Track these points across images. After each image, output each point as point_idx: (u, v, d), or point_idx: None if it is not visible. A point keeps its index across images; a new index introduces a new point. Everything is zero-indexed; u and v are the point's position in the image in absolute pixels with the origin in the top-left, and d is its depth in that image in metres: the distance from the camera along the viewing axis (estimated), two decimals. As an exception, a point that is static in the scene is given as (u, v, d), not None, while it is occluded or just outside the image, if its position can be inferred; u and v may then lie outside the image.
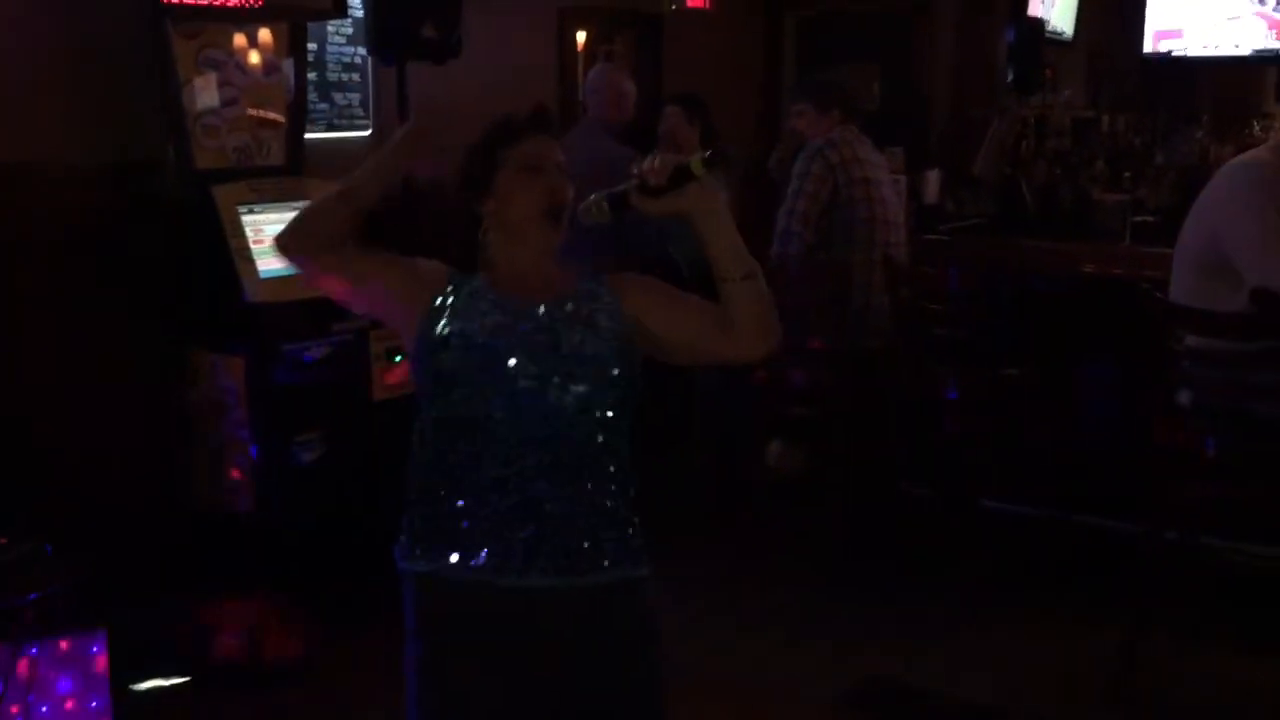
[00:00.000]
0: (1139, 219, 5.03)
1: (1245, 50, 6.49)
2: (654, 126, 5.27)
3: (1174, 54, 6.78)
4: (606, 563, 1.92)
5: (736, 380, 4.50)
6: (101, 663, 2.88)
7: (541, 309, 1.94)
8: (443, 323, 1.93)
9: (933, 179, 5.67)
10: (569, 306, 1.95)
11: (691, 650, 3.75)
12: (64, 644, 2.78)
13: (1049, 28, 6.76)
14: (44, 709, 2.77)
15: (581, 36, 5.84)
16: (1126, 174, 5.85)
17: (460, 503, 1.90)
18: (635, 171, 1.89)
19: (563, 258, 2.01)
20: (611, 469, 1.93)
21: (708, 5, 6.00)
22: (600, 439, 1.92)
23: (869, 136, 4.48)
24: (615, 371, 1.92)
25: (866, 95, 6.75)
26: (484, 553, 1.89)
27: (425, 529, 1.95)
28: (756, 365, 4.31)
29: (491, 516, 1.88)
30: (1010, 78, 6.16)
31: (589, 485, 1.91)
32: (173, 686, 3.42)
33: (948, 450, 4.20)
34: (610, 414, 1.92)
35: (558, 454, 1.89)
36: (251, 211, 3.73)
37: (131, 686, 3.32)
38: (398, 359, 3.98)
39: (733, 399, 4.59)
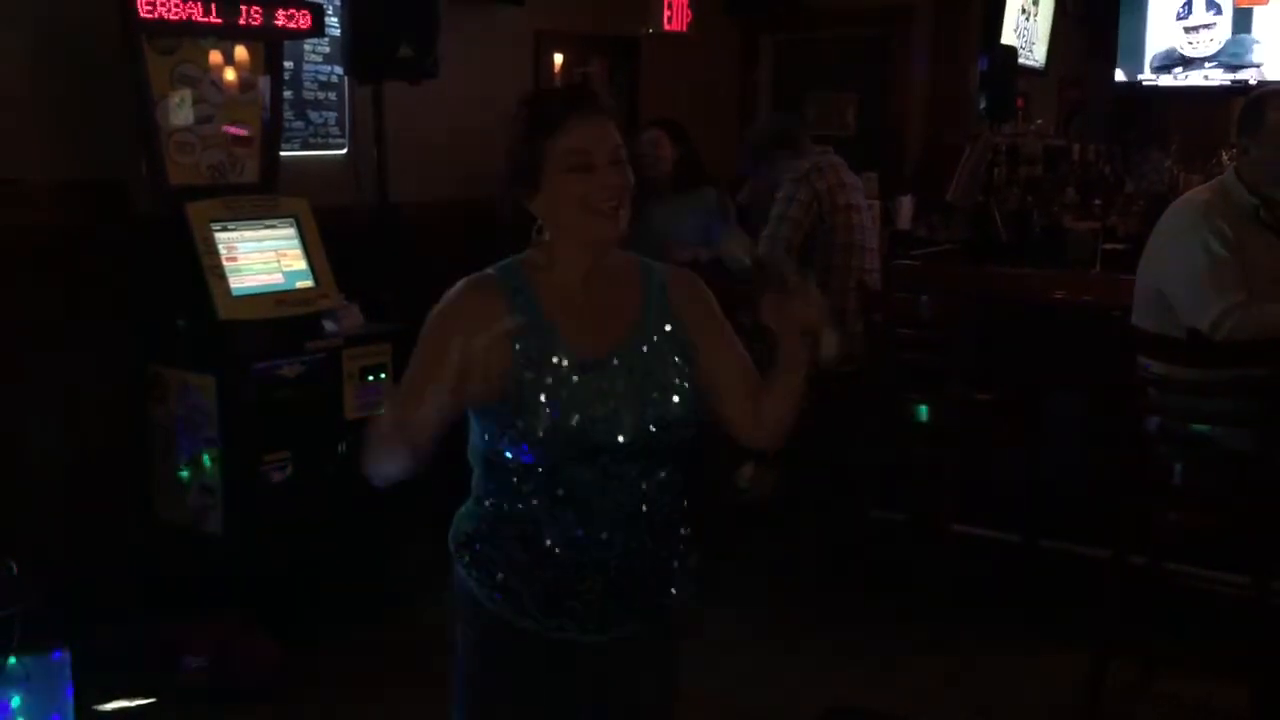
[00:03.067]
0: (1109, 247, 5.08)
1: (1213, 81, 6.60)
2: (630, 148, 5.28)
3: (1143, 83, 6.88)
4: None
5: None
6: (67, 682, 2.85)
7: (615, 360, 1.80)
8: (525, 374, 1.76)
9: (906, 204, 5.71)
10: (643, 348, 1.82)
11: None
12: (29, 663, 2.74)
13: (1021, 57, 6.84)
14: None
15: (558, 59, 5.87)
16: (1097, 202, 5.91)
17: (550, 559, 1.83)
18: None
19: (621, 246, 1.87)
20: (671, 514, 1.89)
21: (684, 29, 6.04)
22: (667, 493, 1.86)
23: (845, 161, 4.51)
24: (691, 420, 1.84)
25: (841, 120, 6.82)
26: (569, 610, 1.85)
27: (507, 567, 1.85)
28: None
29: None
30: (983, 105, 6.22)
31: (650, 539, 1.87)
32: (139, 706, 3.39)
33: (918, 475, 4.22)
34: (676, 465, 1.86)
35: (635, 519, 1.84)
36: (225, 229, 3.73)
37: (97, 706, 3.28)
38: (370, 378, 3.97)
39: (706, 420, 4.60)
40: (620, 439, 1.77)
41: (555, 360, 1.77)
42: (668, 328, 1.85)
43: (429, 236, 4.74)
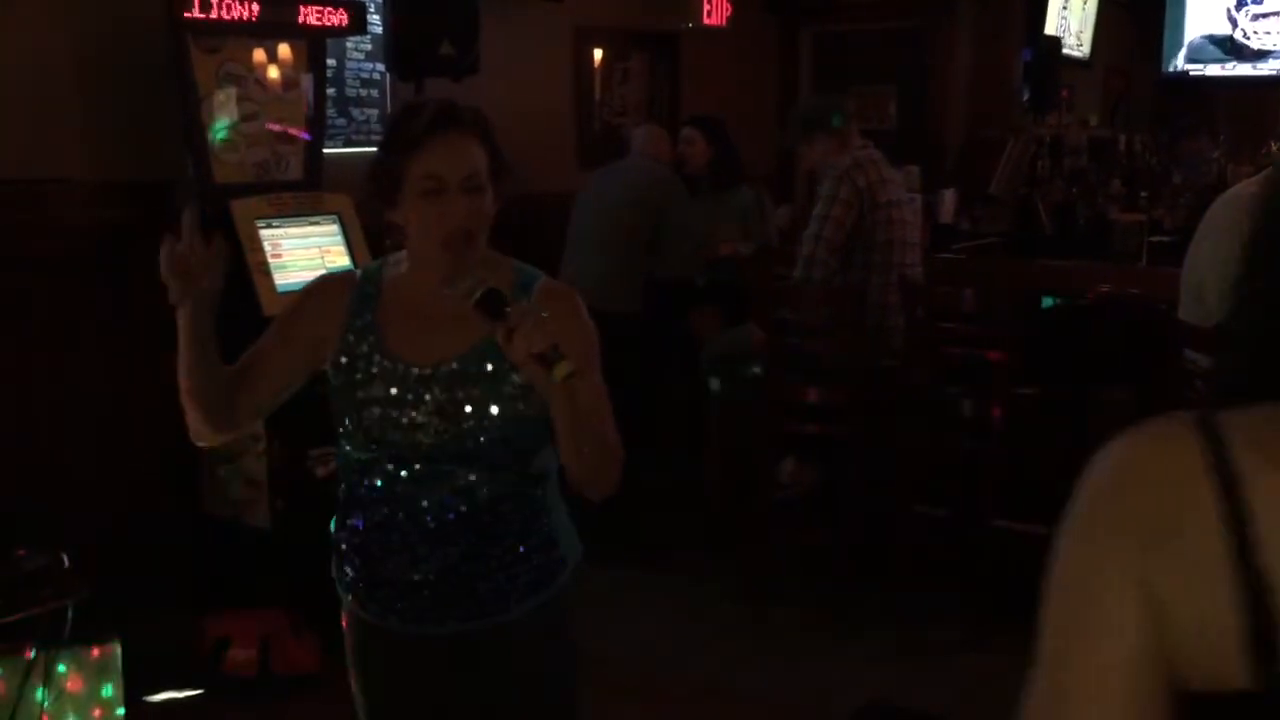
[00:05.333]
0: (1155, 239, 5.02)
1: (1263, 70, 6.49)
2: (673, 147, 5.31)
3: (1191, 74, 6.79)
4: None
5: (750, 396, 4.50)
6: (117, 673, 2.89)
7: (429, 370, 1.79)
8: (344, 358, 1.85)
9: (948, 198, 5.68)
10: (460, 365, 1.79)
11: (700, 667, 3.75)
12: (80, 654, 2.79)
13: (1066, 47, 6.77)
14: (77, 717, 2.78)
15: (598, 54, 5.88)
16: (1143, 194, 5.84)
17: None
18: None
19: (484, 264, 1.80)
20: (495, 522, 1.83)
21: (724, 24, 6.02)
22: (486, 501, 1.82)
23: (885, 155, 4.47)
24: (513, 434, 1.79)
25: (882, 114, 6.78)
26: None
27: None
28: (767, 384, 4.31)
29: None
30: (1026, 97, 6.17)
31: (465, 543, 1.82)
32: (186, 698, 3.44)
33: (962, 470, 4.19)
34: (502, 474, 1.81)
35: (448, 523, 1.83)
36: (270, 226, 3.76)
37: (146, 698, 3.33)
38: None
39: (747, 415, 4.59)
40: (420, 442, 1.80)
41: (372, 359, 1.82)
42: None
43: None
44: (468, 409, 1.78)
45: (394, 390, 1.80)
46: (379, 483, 1.84)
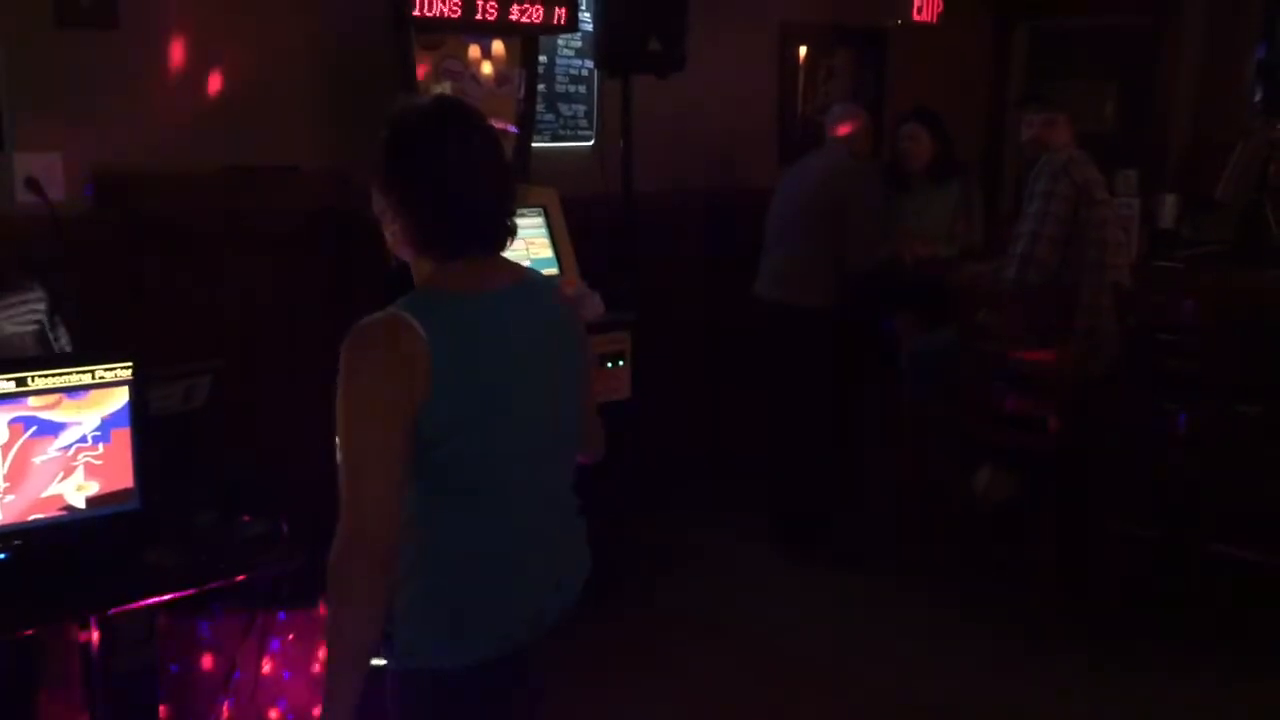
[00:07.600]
0: (1400, 252, 4.65)
1: None
2: (880, 142, 5.23)
3: None
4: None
5: (945, 397, 4.39)
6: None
7: None
8: None
9: (1169, 203, 5.39)
10: None
11: (883, 670, 3.70)
12: (298, 616, 2.96)
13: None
14: (289, 676, 2.96)
15: (803, 51, 5.84)
16: (1388, 203, 5.41)
17: None
18: None
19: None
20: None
21: (934, 20, 5.89)
22: None
23: (1101, 157, 4.30)
24: None
25: (1099, 114, 6.49)
26: None
27: None
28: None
29: None
30: (1258, 97, 5.80)
31: None
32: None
33: (1174, 489, 3.98)
34: None
35: None
36: (478, 217, 3.89)
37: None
38: (609, 365, 4.07)
39: (941, 418, 4.48)
40: None
41: None
42: None
43: (669, 227, 4.81)
44: None
45: None
46: None
